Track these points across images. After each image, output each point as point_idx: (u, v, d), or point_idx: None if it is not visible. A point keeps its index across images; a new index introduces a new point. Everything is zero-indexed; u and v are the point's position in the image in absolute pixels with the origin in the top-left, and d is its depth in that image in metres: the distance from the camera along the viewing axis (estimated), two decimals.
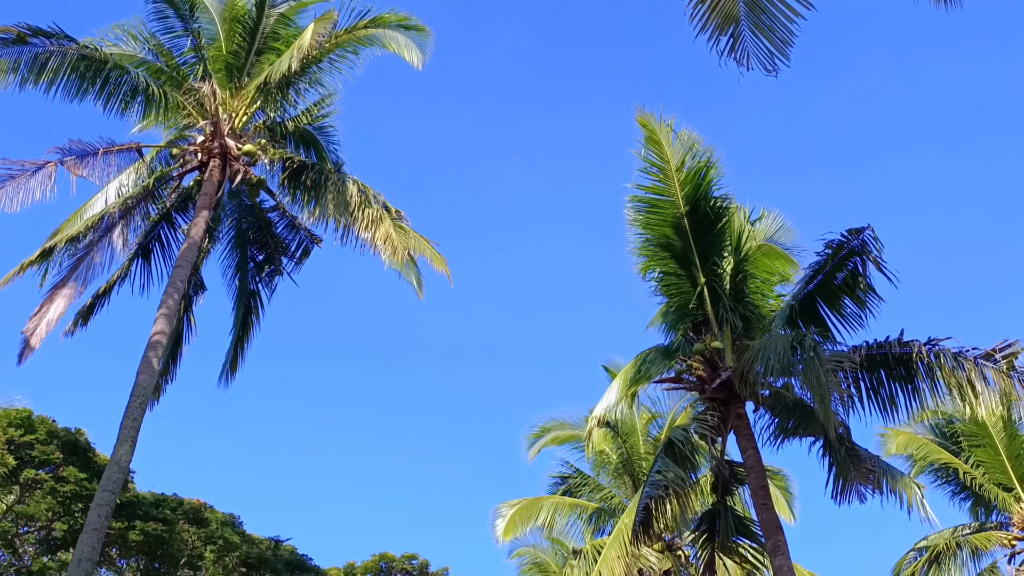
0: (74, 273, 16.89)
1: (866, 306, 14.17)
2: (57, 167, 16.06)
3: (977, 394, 12.68)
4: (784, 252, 16.39)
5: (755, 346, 14.35)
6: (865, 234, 13.46)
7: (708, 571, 17.13)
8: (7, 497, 21.41)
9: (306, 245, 18.67)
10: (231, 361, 18.60)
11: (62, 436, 21.80)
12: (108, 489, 12.73)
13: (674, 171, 15.24)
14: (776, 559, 14.08)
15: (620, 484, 24.24)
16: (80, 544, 12.19)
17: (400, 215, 17.52)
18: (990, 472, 21.39)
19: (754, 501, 14.91)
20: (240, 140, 17.13)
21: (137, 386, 13.82)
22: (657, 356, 16.25)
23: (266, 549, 25.57)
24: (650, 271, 16.41)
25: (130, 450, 13.32)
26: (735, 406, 15.37)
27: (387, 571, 33.08)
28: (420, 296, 17.99)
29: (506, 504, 24.29)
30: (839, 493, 14.29)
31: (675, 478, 14.80)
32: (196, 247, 15.86)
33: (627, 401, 16.94)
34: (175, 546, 23.52)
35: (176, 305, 15.13)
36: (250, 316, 18.69)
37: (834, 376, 12.61)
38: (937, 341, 13.37)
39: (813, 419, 13.90)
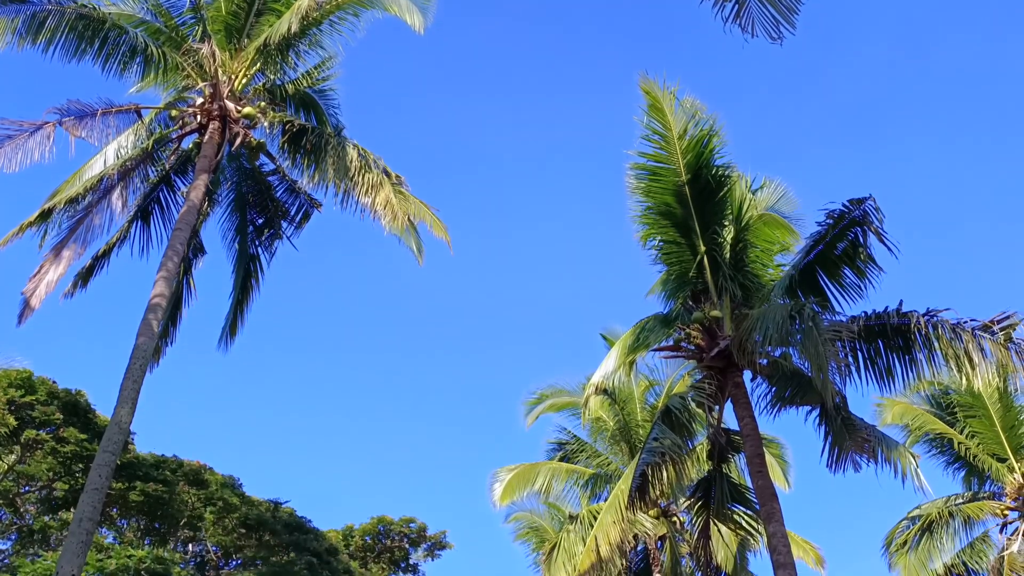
0: (73, 235, 16.86)
1: (866, 276, 14.18)
2: (56, 128, 15.97)
3: (974, 365, 12.73)
4: (785, 222, 16.36)
5: (754, 315, 14.38)
6: (867, 204, 13.42)
7: (703, 537, 17.32)
8: (8, 457, 21.57)
9: (306, 209, 18.62)
10: (231, 324, 18.63)
11: (62, 397, 21.91)
12: (108, 450, 12.80)
13: (676, 139, 15.15)
14: (770, 526, 14.23)
15: (617, 451, 24.43)
16: (81, 504, 12.29)
17: (400, 180, 17.46)
18: (984, 443, 21.54)
19: (750, 469, 15.03)
20: (239, 103, 17.01)
21: (137, 348, 13.85)
22: (656, 324, 16.29)
23: (265, 511, 25.81)
24: (650, 239, 16.38)
25: (130, 411, 13.38)
26: (733, 375, 15.44)
27: (385, 534, 33.46)
28: (420, 262, 17.99)
29: (504, 469, 24.50)
30: (834, 462, 14.39)
31: (672, 445, 14.91)
32: (195, 210, 15.82)
33: (625, 369, 16.99)
34: (175, 507, 23.76)
35: (175, 268, 15.12)
36: (250, 280, 18.69)
37: (832, 346, 12.65)
38: (936, 312, 13.39)
39: (810, 388, 13.97)
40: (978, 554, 21.84)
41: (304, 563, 24.96)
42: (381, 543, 33.33)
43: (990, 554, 21.64)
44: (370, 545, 33.22)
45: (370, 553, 33.02)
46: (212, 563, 25.99)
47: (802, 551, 23.16)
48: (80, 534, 11.92)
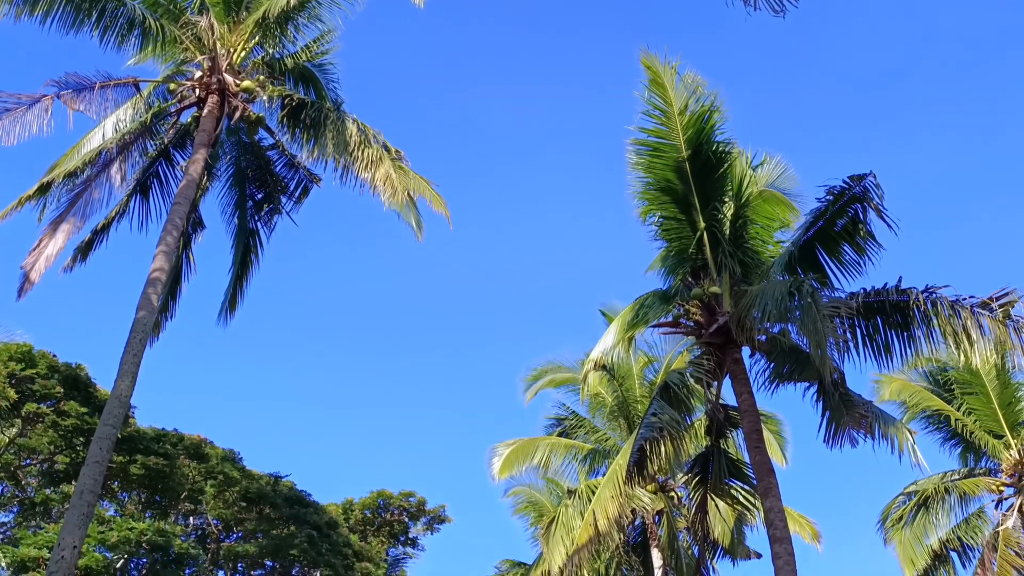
0: (72, 208, 16.82)
1: (865, 253, 14.16)
2: (54, 101, 15.90)
3: (972, 342, 12.74)
4: (785, 198, 16.31)
5: (753, 292, 14.38)
6: (867, 181, 13.38)
7: (700, 512, 17.43)
8: (9, 430, 21.67)
9: (305, 184, 18.57)
10: (230, 299, 18.63)
11: (63, 371, 21.96)
12: (109, 423, 12.85)
13: (677, 114, 15.06)
14: (767, 501, 14.31)
15: (615, 426, 24.53)
16: (82, 476, 12.35)
17: (400, 155, 17.40)
18: (981, 419, 21.62)
19: (747, 444, 15.10)
20: (238, 76, 16.91)
21: (137, 322, 13.87)
22: (655, 301, 16.28)
23: (266, 485, 25.97)
24: (650, 215, 16.34)
25: (131, 385, 13.41)
26: (731, 351, 15.47)
27: (385, 508, 33.67)
28: (419, 237, 17.96)
29: (502, 444, 24.61)
30: (831, 437, 14.45)
31: (670, 420, 14.97)
32: (194, 184, 15.78)
33: (624, 345, 17.00)
34: (176, 480, 23.90)
35: (175, 242, 15.11)
36: (249, 255, 18.67)
37: (830, 322, 12.66)
38: (935, 289, 13.38)
39: (808, 365, 14.00)
40: (973, 530, 22.00)
41: (304, 536, 25.16)
42: (381, 517, 33.55)
43: (985, 530, 21.79)
44: (370, 519, 33.45)
45: (370, 527, 33.25)
46: (213, 535, 26.20)
47: (798, 526, 23.33)
48: (81, 506, 11.99)
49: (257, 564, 26.84)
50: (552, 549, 19.86)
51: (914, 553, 21.90)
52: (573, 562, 19.12)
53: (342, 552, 26.55)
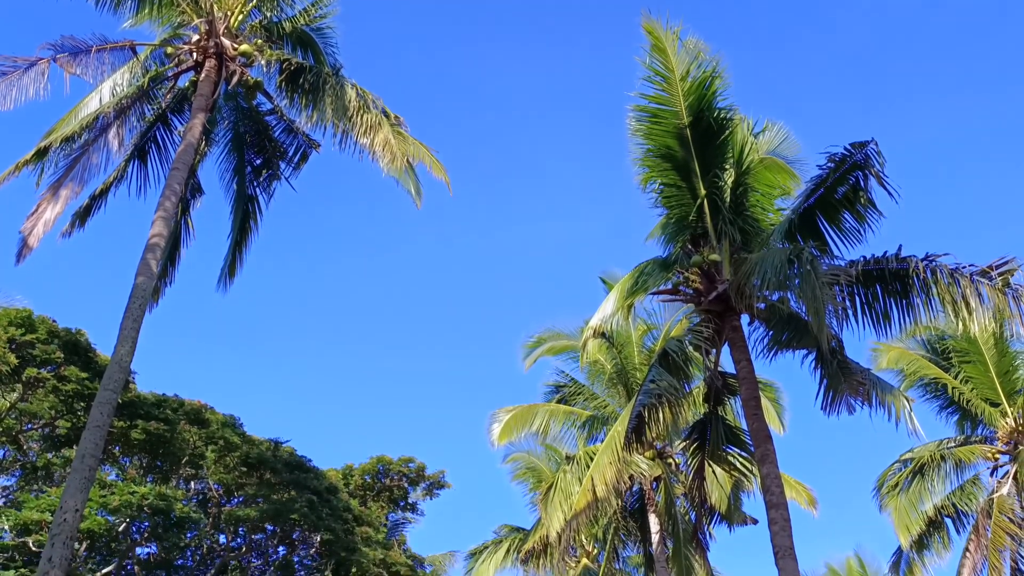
0: (70, 173, 16.74)
1: (865, 221, 14.11)
2: (50, 64, 15.77)
3: (971, 310, 12.74)
4: (786, 165, 16.24)
5: (753, 259, 14.36)
6: (868, 148, 13.30)
7: (698, 478, 17.56)
8: (10, 395, 21.75)
9: (304, 150, 18.47)
10: (229, 265, 18.61)
11: (63, 336, 21.99)
12: (109, 388, 12.90)
13: (678, 80, 14.94)
14: (764, 467, 14.40)
15: (614, 393, 24.62)
16: (83, 440, 12.42)
17: (399, 121, 17.29)
18: (978, 388, 21.70)
19: (745, 411, 15.16)
20: (236, 40, 16.76)
21: (136, 288, 13.87)
22: (655, 268, 16.27)
23: (266, 450, 26.11)
24: (651, 182, 16.26)
25: (130, 350, 13.44)
26: (730, 318, 15.49)
27: (384, 473, 33.90)
28: (418, 204, 17.91)
29: (502, 410, 24.72)
30: (829, 405, 14.51)
31: (668, 387, 15.03)
32: (193, 149, 15.69)
33: (623, 312, 17.02)
34: (177, 445, 24.03)
35: (173, 208, 15.06)
36: (248, 221, 18.62)
37: (830, 290, 12.66)
38: (934, 257, 13.36)
39: (807, 332, 14.02)
40: (968, 496, 22.18)
41: (304, 501, 25.34)
42: (380, 482, 33.78)
43: (980, 496, 21.97)
44: (369, 484, 33.68)
45: (369, 492, 33.49)
46: (214, 500, 26.40)
47: (795, 492, 23.51)
48: (83, 470, 12.07)
49: (258, 528, 27.07)
50: (550, 514, 20.03)
51: (909, 519, 22.10)
52: (571, 527, 19.31)
53: (342, 517, 26.78)
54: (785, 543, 13.59)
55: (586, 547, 28.66)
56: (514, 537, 29.10)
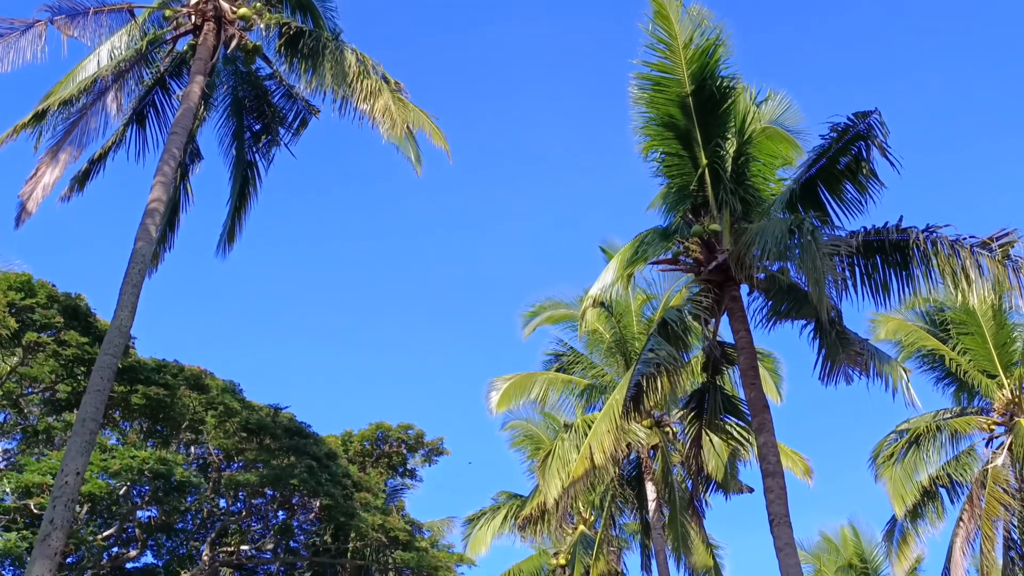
0: (68, 137, 16.63)
1: (867, 191, 14.08)
2: (47, 26, 15.62)
3: (970, 282, 12.75)
4: (788, 135, 16.16)
5: (753, 229, 14.34)
6: (872, 118, 13.23)
7: (695, 446, 17.67)
8: (10, 359, 21.79)
9: (303, 116, 18.36)
10: (229, 231, 18.56)
11: (62, 301, 21.97)
12: (109, 352, 12.92)
13: (681, 48, 14.82)
14: (761, 436, 14.49)
15: (612, 363, 24.72)
16: (84, 404, 12.46)
17: (399, 87, 17.16)
18: (976, 359, 21.78)
19: (743, 381, 15.23)
20: (235, 3, 16.59)
21: (135, 253, 13.84)
22: (655, 238, 16.26)
23: (265, 416, 26.20)
24: (652, 151, 16.20)
25: (130, 315, 13.45)
26: (730, 288, 15.50)
27: (383, 440, 34.07)
28: (418, 171, 17.83)
29: (500, 378, 24.84)
30: (827, 375, 14.57)
31: (667, 356, 15.08)
32: (191, 114, 15.59)
33: (623, 282, 17.03)
34: (177, 410, 24.10)
35: (172, 172, 14.98)
36: (247, 187, 18.54)
37: (830, 260, 12.66)
38: (935, 228, 13.34)
39: (806, 302, 14.04)
40: (963, 467, 22.35)
41: (304, 466, 25.48)
42: (379, 448, 33.96)
43: (975, 467, 22.14)
44: (368, 450, 33.86)
45: (368, 458, 33.68)
46: (214, 465, 26.54)
47: (791, 462, 23.69)
48: (84, 434, 12.13)
49: (258, 493, 27.27)
50: (548, 481, 20.18)
51: (904, 489, 22.29)
52: (568, 494, 19.47)
53: (341, 482, 26.96)
54: (780, 511, 13.72)
55: (583, 514, 28.94)
56: (512, 504, 29.38)
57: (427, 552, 29.43)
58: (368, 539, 27.60)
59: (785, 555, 13.39)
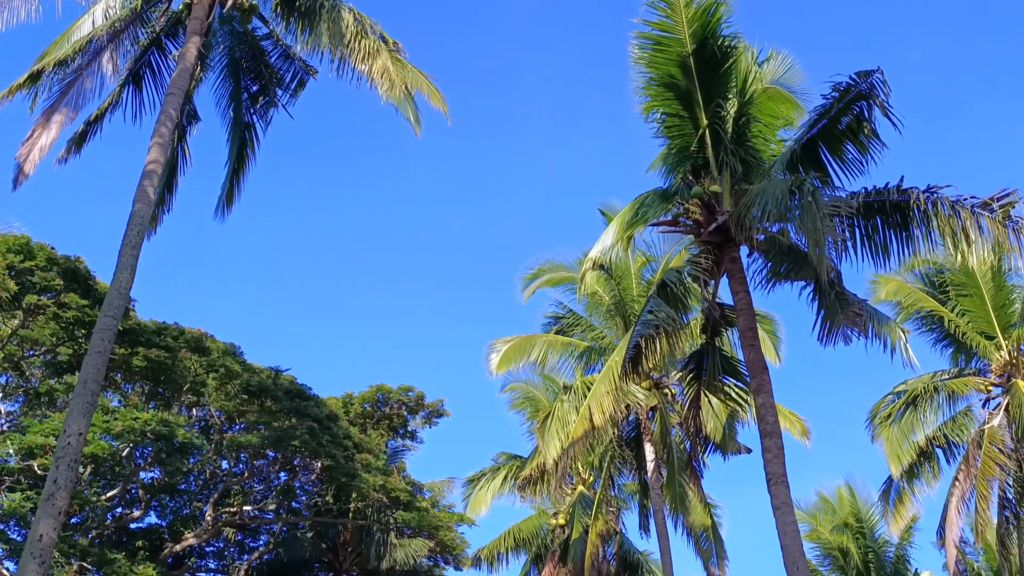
0: (64, 98, 16.49)
1: (868, 152, 14.01)
2: None
3: (970, 242, 12.74)
4: (790, 96, 16.04)
5: (753, 190, 14.30)
6: (874, 77, 13.12)
7: (693, 407, 17.78)
8: (11, 321, 21.83)
9: (301, 76, 18.20)
10: (227, 194, 18.48)
11: (62, 263, 21.96)
12: (110, 314, 12.93)
13: (682, 6, 14.66)
14: (759, 397, 14.58)
15: (611, 325, 24.78)
16: (85, 366, 12.50)
17: (397, 47, 17.02)
18: (974, 321, 21.83)
19: (742, 342, 15.28)
20: None
21: (134, 215, 13.80)
22: (655, 199, 16.23)
23: (266, 378, 26.30)
24: (653, 112, 16.11)
25: (130, 277, 13.44)
26: (729, 250, 15.49)
27: (384, 402, 34.25)
28: (417, 133, 17.70)
29: (500, 340, 24.92)
30: (825, 335, 14.61)
31: (666, 318, 15.12)
32: (188, 74, 15.44)
33: (623, 244, 17.03)
34: (178, 372, 24.20)
35: (169, 134, 14.88)
36: (245, 148, 18.43)
37: (830, 221, 12.63)
38: (936, 189, 13.30)
39: (806, 264, 14.04)
40: (959, 427, 22.51)
41: (305, 428, 25.64)
42: (380, 411, 34.13)
43: (971, 428, 22.29)
44: (369, 412, 34.03)
45: (369, 420, 33.86)
46: (216, 427, 26.70)
47: (788, 423, 23.83)
48: (85, 395, 12.18)
49: (259, 454, 27.48)
50: (547, 443, 20.33)
51: (900, 449, 22.47)
52: (568, 455, 19.63)
53: (342, 444, 27.15)
54: (778, 470, 13.84)
55: (582, 475, 29.19)
56: (512, 465, 29.63)
57: (428, 512, 29.73)
58: (369, 499, 27.87)
59: (782, 513, 13.53)
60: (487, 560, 30.89)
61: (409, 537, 30.37)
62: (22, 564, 10.82)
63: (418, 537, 30.24)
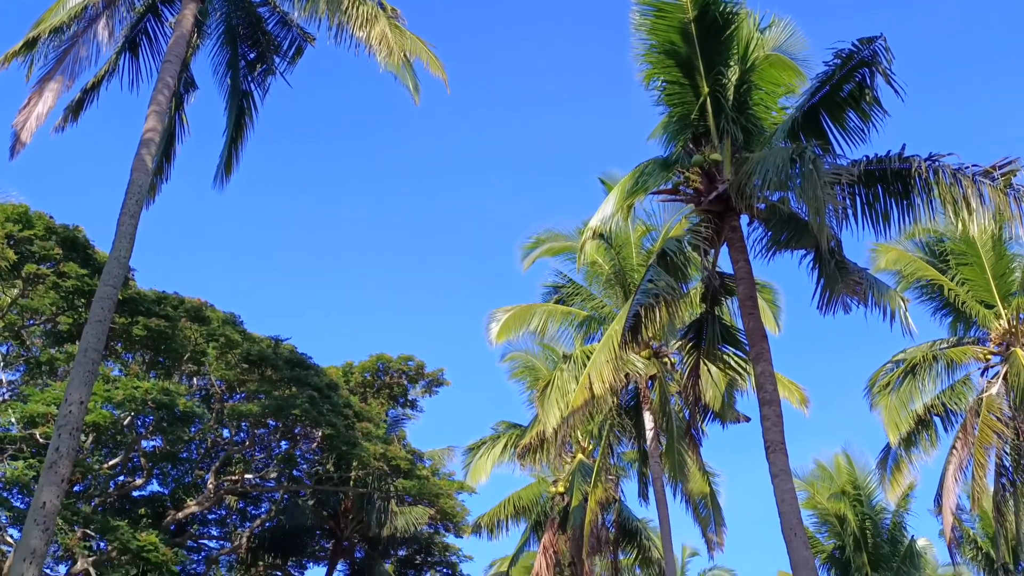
0: (60, 66, 16.36)
1: (870, 120, 13.93)
2: None
3: (971, 211, 12.70)
4: (792, 63, 15.92)
5: (754, 158, 14.23)
6: (876, 44, 13.01)
7: (692, 376, 17.84)
8: (10, 291, 21.82)
9: (299, 44, 18.05)
10: (225, 163, 18.38)
11: (60, 232, 21.92)
12: (109, 283, 12.93)
13: None
14: (758, 366, 14.61)
15: (611, 294, 24.79)
16: (85, 335, 12.52)
17: (396, 13, 16.87)
18: (974, 290, 21.84)
19: (742, 311, 15.29)
20: None
21: (132, 183, 13.75)
22: (655, 168, 16.15)
23: (267, 347, 26.35)
24: (653, 80, 15.98)
25: (129, 246, 13.42)
26: (730, 219, 15.46)
27: (384, 371, 34.35)
28: (416, 101, 17.57)
29: (500, 310, 24.94)
30: (825, 304, 14.61)
31: (666, 287, 15.11)
32: (184, 41, 15.31)
33: (623, 213, 16.96)
34: (178, 342, 24.24)
35: (167, 102, 14.79)
36: (243, 117, 18.31)
37: (831, 189, 12.59)
38: (938, 157, 13.24)
39: (806, 232, 14.01)
40: (958, 396, 22.60)
41: (305, 397, 25.72)
42: (380, 380, 34.23)
43: (969, 396, 22.38)
44: (369, 381, 34.13)
45: (369, 389, 33.97)
46: (216, 396, 26.79)
47: (787, 391, 23.92)
48: (86, 363, 12.21)
49: (260, 423, 27.59)
50: (547, 411, 20.42)
51: (899, 417, 22.57)
52: (567, 424, 19.73)
53: (343, 413, 27.25)
54: (776, 438, 13.90)
55: (582, 443, 29.37)
56: (511, 433, 29.78)
57: (428, 480, 29.93)
58: (370, 468, 28.05)
59: (780, 481, 13.62)
60: (487, 527, 31.18)
61: (410, 505, 30.62)
62: (26, 530, 10.91)
63: (418, 505, 30.48)
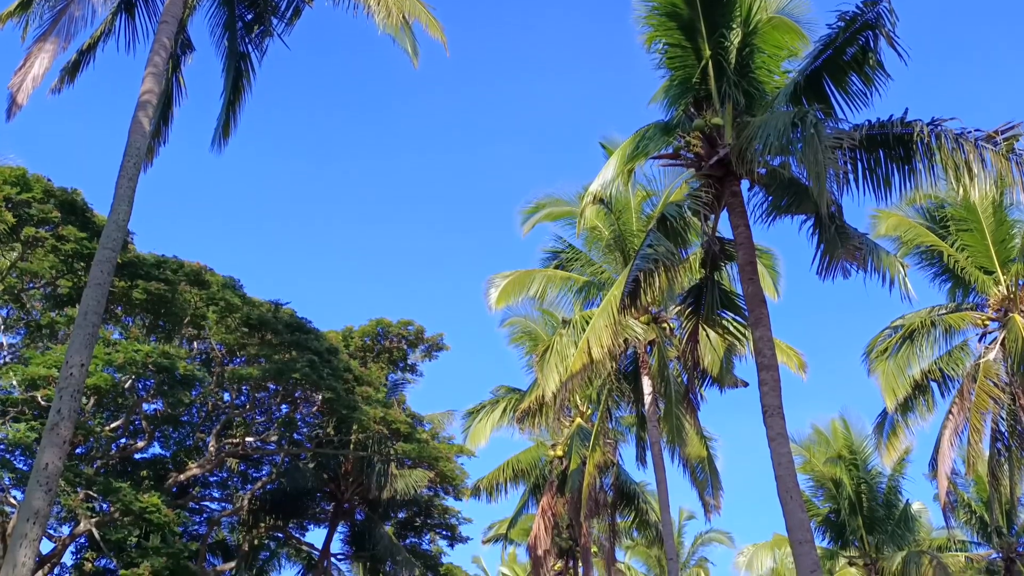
0: (56, 27, 16.18)
1: (873, 84, 13.83)
2: None
3: (973, 176, 12.65)
4: (795, 26, 15.76)
5: (755, 123, 14.15)
6: (881, 6, 12.88)
7: (691, 341, 17.87)
8: (10, 254, 21.80)
9: (296, 4, 17.84)
10: (223, 126, 18.24)
11: (59, 196, 21.84)
12: (108, 247, 12.90)
13: None
14: (757, 331, 14.65)
15: (611, 260, 24.78)
16: (85, 298, 12.52)
17: None
18: (974, 256, 21.84)
19: (741, 276, 15.29)
20: None
21: (130, 146, 13.66)
22: (656, 132, 16.06)
23: (266, 311, 26.38)
24: (655, 42, 15.85)
25: (127, 210, 13.36)
26: (730, 183, 15.41)
27: (384, 335, 34.43)
28: (415, 64, 17.43)
29: (499, 275, 24.94)
30: (824, 269, 14.61)
31: (666, 252, 15.10)
32: (181, 1, 15.13)
33: (623, 178, 16.92)
34: (178, 306, 24.26)
35: (163, 63, 14.64)
36: (241, 80, 18.15)
37: (832, 154, 12.52)
38: (940, 122, 13.15)
39: (806, 197, 13.98)
40: (955, 361, 22.69)
41: (305, 361, 25.80)
42: (380, 344, 34.32)
43: (967, 362, 22.46)
44: (369, 346, 34.23)
45: (369, 353, 34.07)
46: (217, 359, 26.88)
47: (786, 356, 23.99)
48: (86, 327, 12.22)
49: (261, 387, 27.70)
50: (546, 376, 20.52)
51: (896, 383, 22.68)
52: (566, 388, 19.84)
53: (343, 377, 27.35)
54: (774, 403, 13.98)
55: (580, 407, 29.53)
56: (511, 397, 29.95)
57: (428, 443, 30.15)
58: (370, 431, 28.23)
59: (777, 444, 13.72)
60: (486, 490, 31.48)
61: (409, 468, 30.86)
62: (29, 491, 11.00)
63: (418, 468, 30.73)
